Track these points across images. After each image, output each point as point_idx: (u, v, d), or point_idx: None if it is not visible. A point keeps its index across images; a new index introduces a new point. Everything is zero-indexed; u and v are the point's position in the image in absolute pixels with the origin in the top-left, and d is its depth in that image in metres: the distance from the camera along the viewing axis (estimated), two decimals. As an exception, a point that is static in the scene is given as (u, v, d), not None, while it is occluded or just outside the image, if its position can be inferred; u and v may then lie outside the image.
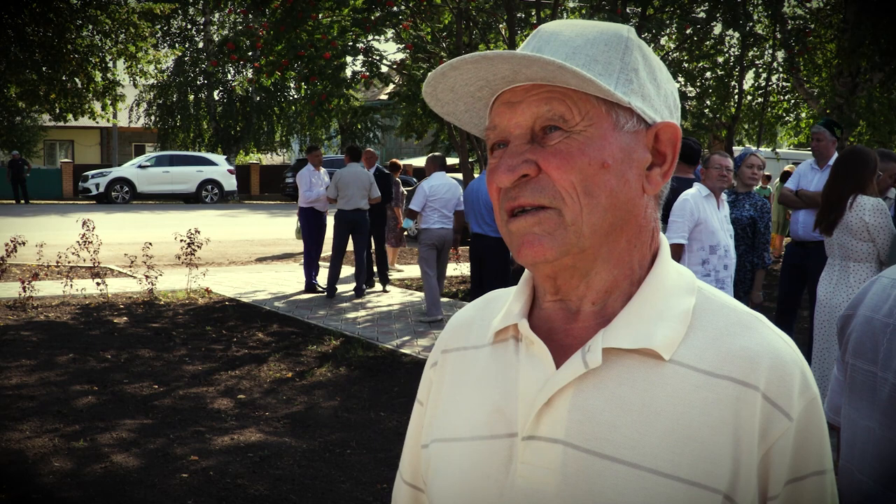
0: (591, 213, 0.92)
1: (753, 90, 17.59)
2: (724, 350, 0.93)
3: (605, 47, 0.94)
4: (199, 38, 34.91)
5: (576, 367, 0.93)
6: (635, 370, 0.92)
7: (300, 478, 4.58)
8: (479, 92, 0.97)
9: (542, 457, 0.93)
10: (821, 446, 0.94)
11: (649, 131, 0.96)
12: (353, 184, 10.06)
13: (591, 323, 0.96)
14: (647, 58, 0.97)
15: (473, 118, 1.01)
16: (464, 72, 0.93)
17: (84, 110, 17.76)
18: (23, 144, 30.53)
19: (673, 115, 0.99)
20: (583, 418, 0.92)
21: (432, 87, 0.96)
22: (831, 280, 4.82)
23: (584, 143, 0.91)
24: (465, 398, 1.03)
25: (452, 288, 11.41)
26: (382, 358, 7.40)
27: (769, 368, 0.91)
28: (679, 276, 0.99)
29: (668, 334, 0.93)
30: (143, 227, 18.34)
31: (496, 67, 0.91)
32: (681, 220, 5.10)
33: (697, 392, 0.91)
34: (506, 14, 12.43)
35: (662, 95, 0.98)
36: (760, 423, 0.90)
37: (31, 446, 5.01)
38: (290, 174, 29.98)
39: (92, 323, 8.61)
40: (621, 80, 0.94)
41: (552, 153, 0.92)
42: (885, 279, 1.67)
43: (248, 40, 13.38)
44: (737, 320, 0.95)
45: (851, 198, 4.64)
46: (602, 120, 0.92)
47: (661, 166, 0.97)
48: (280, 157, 43.76)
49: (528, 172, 0.92)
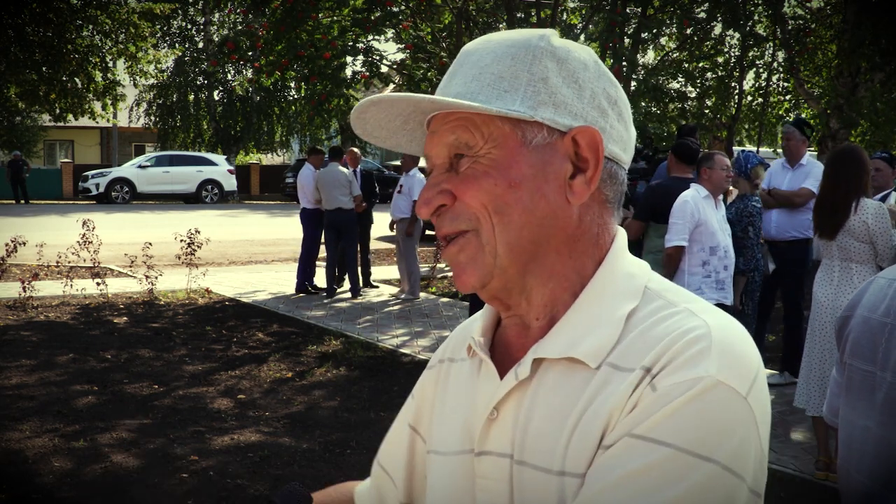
0: (504, 232, 0.92)
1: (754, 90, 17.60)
2: (643, 342, 0.89)
3: (511, 62, 0.94)
4: (199, 38, 34.89)
5: (509, 380, 0.94)
6: (565, 379, 0.91)
7: (300, 478, 4.58)
8: (406, 125, 1.00)
9: (493, 470, 0.95)
10: (688, 425, 0.81)
11: (565, 139, 0.93)
12: (332, 184, 10.12)
13: (539, 336, 0.96)
14: (562, 61, 0.95)
15: (418, 145, 1.03)
16: (375, 112, 0.96)
17: (84, 110, 17.75)
18: (23, 144, 30.49)
19: (606, 115, 0.96)
20: (522, 430, 0.93)
21: (360, 129, 1.00)
22: (831, 282, 4.77)
23: (489, 165, 0.92)
24: (447, 412, 1.06)
25: (452, 288, 11.41)
26: (382, 358, 7.41)
27: (664, 346, 0.86)
28: (627, 279, 0.95)
29: (595, 342, 0.91)
30: (143, 227, 18.33)
31: (398, 107, 0.95)
32: (681, 221, 5.07)
33: (605, 388, 0.88)
34: (506, 14, 12.43)
35: (587, 97, 0.95)
36: (633, 399, 0.85)
37: (31, 446, 5.01)
38: (291, 174, 29.97)
39: (92, 323, 8.62)
40: (528, 92, 0.93)
41: (461, 180, 0.93)
42: (882, 279, 1.67)
43: (248, 40, 13.39)
44: (667, 312, 0.91)
45: (855, 201, 4.61)
46: (507, 139, 0.92)
47: (584, 173, 0.94)
48: (280, 158, 43.76)
49: (444, 202, 0.94)
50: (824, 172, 4.81)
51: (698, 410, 0.82)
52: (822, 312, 4.77)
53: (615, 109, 0.97)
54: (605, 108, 0.96)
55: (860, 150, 4.75)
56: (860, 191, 4.62)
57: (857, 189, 4.61)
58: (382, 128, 1.00)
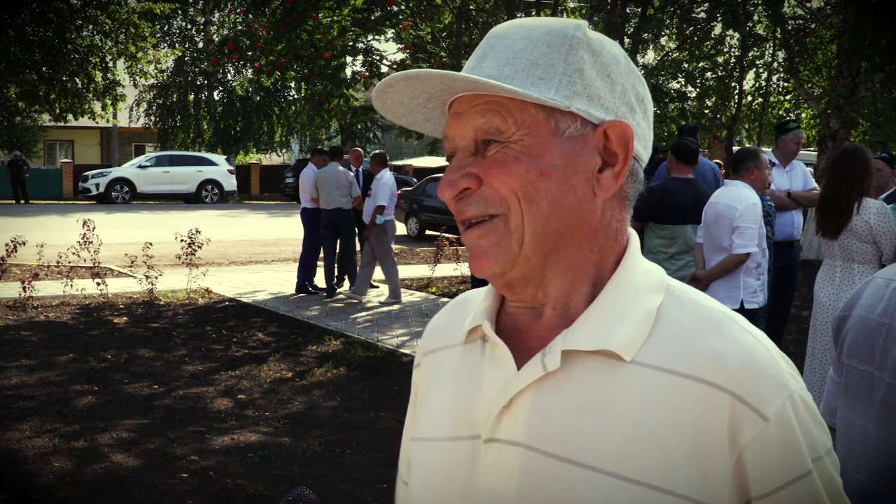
0: (531, 220, 0.91)
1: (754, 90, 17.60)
2: (691, 349, 0.90)
3: (547, 49, 0.93)
4: (199, 38, 34.90)
5: (535, 369, 0.92)
6: (595, 372, 0.91)
7: (300, 478, 4.58)
8: (428, 103, 0.98)
9: (502, 459, 0.93)
10: (805, 443, 0.89)
11: (597, 132, 0.93)
12: (331, 183, 10.11)
13: (554, 325, 0.95)
14: (597, 54, 0.94)
15: (434, 125, 1.02)
16: (402, 88, 0.94)
17: (84, 110, 17.73)
18: (23, 144, 30.48)
19: (634, 111, 0.96)
20: (542, 421, 0.91)
21: (380, 102, 0.97)
22: (833, 282, 4.76)
23: (521, 152, 0.91)
24: (437, 398, 1.04)
25: (452, 288, 11.42)
26: (382, 358, 7.41)
27: (738, 367, 0.88)
28: (648, 275, 0.97)
29: (628, 335, 0.91)
30: (143, 227, 18.34)
31: (427, 84, 0.92)
32: (755, 226, 4.90)
33: (660, 393, 0.89)
34: (506, 14, 12.43)
35: (619, 92, 0.95)
36: (730, 425, 0.87)
37: (31, 446, 5.02)
38: (290, 174, 29.97)
39: (92, 323, 8.62)
40: (563, 82, 0.92)
41: (490, 164, 0.92)
42: (880, 279, 1.67)
43: (248, 40, 13.38)
44: (706, 318, 0.93)
45: (858, 202, 4.61)
46: (540, 128, 0.91)
47: (612, 167, 0.94)
48: (280, 158, 43.75)
49: (468, 186, 0.93)
50: (828, 172, 4.80)
51: (810, 423, 0.91)
52: (823, 313, 4.76)
53: (641, 107, 0.98)
54: (633, 105, 0.96)
55: (864, 150, 4.73)
56: (863, 191, 4.61)
57: (860, 189, 4.60)
58: (403, 104, 0.97)
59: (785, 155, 6.60)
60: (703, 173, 6.76)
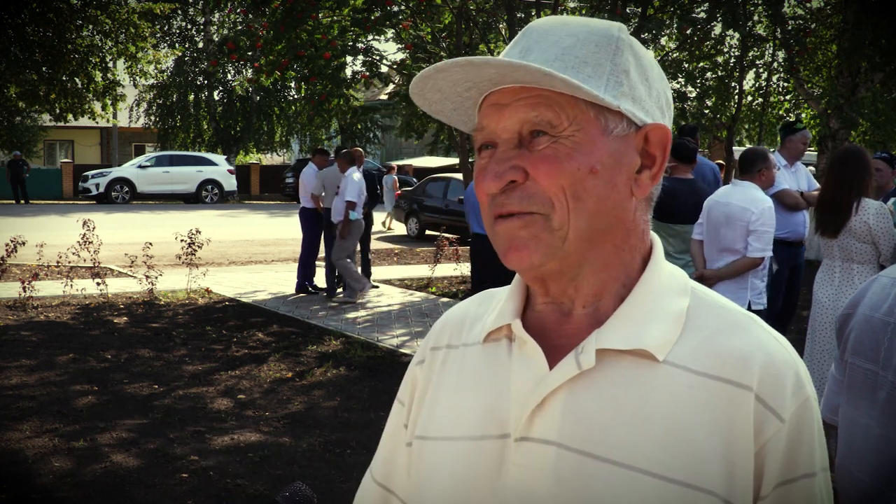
0: (577, 218, 0.91)
1: (754, 90, 17.59)
2: (718, 350, 0.92)
3: (595, 48, 0.93)
4: (199, 38, 34.90)
5: (569, 367, 0.92)
6: (629, 371, 0.92)
7: (300, 478, 4.58)
8: (466, 92, 0.96)
9: (534, 458, 0.93)
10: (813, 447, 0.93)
11: (639, 133, 0.95)
12: (334, 184, 10.13)
13: (584, 324, 0.96)
14: (638, 57, 0.96)
15: (462, 116, 1.01)
16: (451, 73, 0.92)
17: (84, 110, 17.74)
18: (23, 144, 30.49)
19: (665, 115, 0.98)
20: (576, 419, 0.91)
21: (419, 87, 0.95)
22: (832, 282, 4.76)
23: (573, 148, 0.91)
24: (456, 397, 1.02)
25: (452, 288, 11.42)
26: (382, 358, 7.41)
27: (762, 369, 0.91)
28: (672, 277, 0.98)
29: (661, 335, 0.92)
30: (143, 227, 18.33)
31: (482, 71, 0.91)
32: (772, 230, 4.88)
33: (691, 393, 0.90)
34: (506, 14, 12.42)
35: (654, 96, 0.97)
36: (755, 424, 0.90)
37: (31, 446, 5.01)
38: (291, 174, 29.97)
39: (92, 323, 8.61)
40: (611, 82, 0.92)
41: (540, 158, 0.91)
42: (885, 278, 1.67)
43: (248, 40, 13.37)
44: (731, 320, 0.95)
45: (857, 202, 4.61)
46: (590, 125, 0.91)
47: (650, 169, 0.96)
48: (280, 158, 43.75)
49: (515, 178, 0.92)
50: (827, 172, 4.80)
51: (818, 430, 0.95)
52: (822, 313, 4.77)
53: (669, 112, 0.99)
54: (664, 109, 0.98)
55: (863, 150, 4.74)
56: (862, 191, 4.62)
57: (859, 189, 4.61)
58: (440, 90, 0.96)
59: (792, 155, 6.61)
60: (703, 173, 6.77)
